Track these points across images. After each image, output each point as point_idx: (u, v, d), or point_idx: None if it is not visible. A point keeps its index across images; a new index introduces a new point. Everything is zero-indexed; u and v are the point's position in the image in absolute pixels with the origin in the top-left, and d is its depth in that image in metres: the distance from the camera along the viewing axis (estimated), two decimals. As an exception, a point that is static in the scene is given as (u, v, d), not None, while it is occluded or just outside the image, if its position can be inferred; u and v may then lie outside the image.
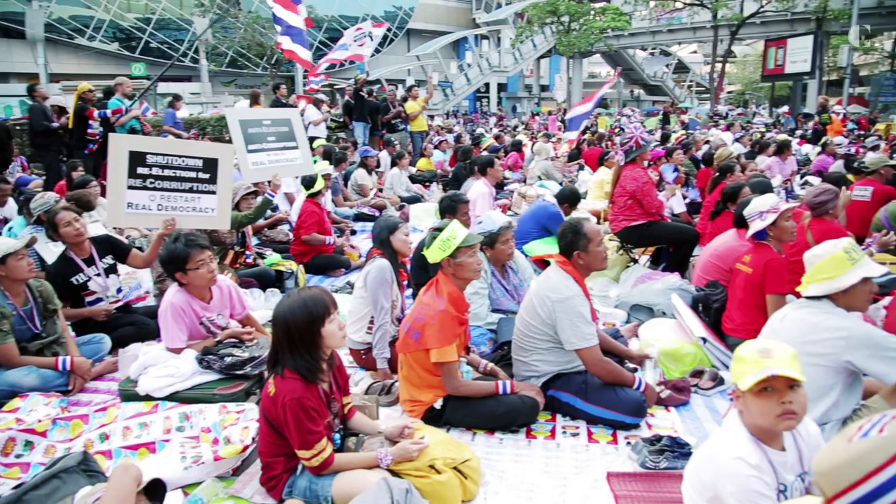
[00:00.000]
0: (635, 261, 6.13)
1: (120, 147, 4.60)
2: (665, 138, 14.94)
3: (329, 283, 6.02)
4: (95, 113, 8.71)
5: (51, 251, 4.79)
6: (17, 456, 3.05)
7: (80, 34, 34.93)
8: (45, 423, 3.21)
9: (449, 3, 50.11)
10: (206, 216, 4.86)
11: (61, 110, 9.15)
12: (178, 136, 10.40)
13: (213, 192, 4.89)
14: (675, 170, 8.68)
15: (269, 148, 6.03)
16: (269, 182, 6.21)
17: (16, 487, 2.45)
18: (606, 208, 6.95)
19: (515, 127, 26.08)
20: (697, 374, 3.82)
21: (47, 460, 2.89)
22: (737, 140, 13.84)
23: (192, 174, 4.81)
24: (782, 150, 10.20)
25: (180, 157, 4.76)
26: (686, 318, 4.18)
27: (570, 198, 6.18)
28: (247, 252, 5.84)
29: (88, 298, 4.45)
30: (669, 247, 5.96)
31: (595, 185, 9.00)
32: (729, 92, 48.12)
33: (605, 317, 4.76)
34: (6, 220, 6.81)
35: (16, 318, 3.69)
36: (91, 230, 4.76)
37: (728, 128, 18.46)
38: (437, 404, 3.19)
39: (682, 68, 51.62)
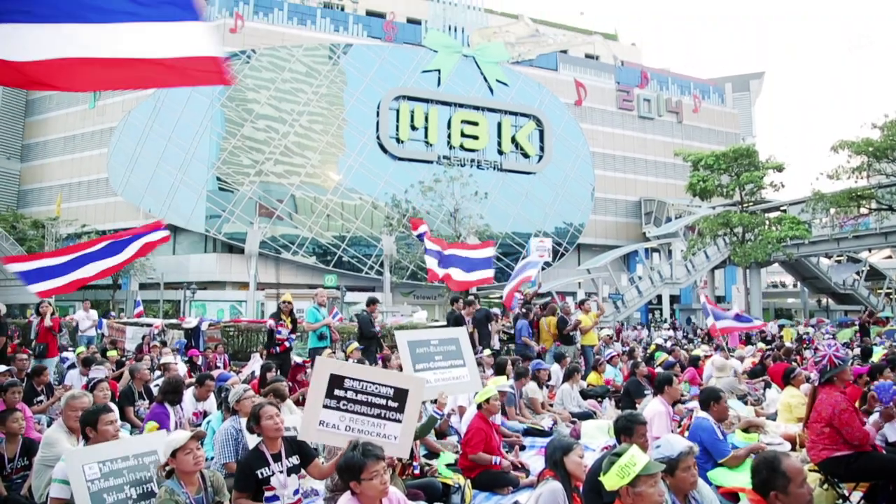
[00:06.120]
0: (845, 498, 5.32)
1: (323, 369, 5.04)
2: (867, 353, 13.43)
3: (496, 501, 5.80)
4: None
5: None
6: None
7: (287, 250, 40.38)
8: None
9: (618, 218, 51.89)
10: (387, 442, 4.99)
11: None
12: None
13: (399, 421, 5.07)
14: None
15: (437, 367, 6.31)
16: (435, 400, 6.37)
17: None
18: (802, 433, 6.24)
19: (691, 340, 25.02)
20: None
21: None
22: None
23: (383, 401, 5.03)
24: None
25: (374, 383, 5.04)
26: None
27: (711, 396, 5.56)
28: (414, 463, 5.87)
29: (267, 493, 4.61)
30: (889, 483, 5.15)
31: (783, 408, 8.16)
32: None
33: (813, 565, 4.07)
34: (206, 414, 7.46)
35: (188, 506, 3.89)
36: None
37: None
38: None
39: (876, 274, 47.74)
